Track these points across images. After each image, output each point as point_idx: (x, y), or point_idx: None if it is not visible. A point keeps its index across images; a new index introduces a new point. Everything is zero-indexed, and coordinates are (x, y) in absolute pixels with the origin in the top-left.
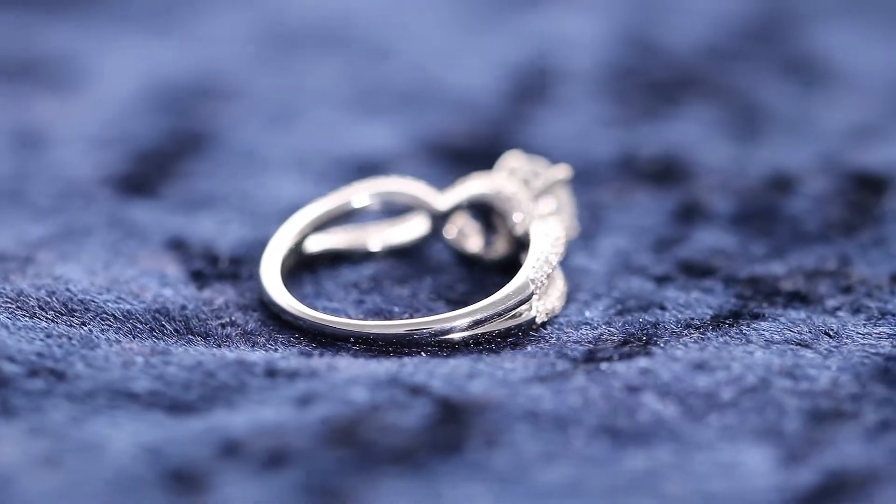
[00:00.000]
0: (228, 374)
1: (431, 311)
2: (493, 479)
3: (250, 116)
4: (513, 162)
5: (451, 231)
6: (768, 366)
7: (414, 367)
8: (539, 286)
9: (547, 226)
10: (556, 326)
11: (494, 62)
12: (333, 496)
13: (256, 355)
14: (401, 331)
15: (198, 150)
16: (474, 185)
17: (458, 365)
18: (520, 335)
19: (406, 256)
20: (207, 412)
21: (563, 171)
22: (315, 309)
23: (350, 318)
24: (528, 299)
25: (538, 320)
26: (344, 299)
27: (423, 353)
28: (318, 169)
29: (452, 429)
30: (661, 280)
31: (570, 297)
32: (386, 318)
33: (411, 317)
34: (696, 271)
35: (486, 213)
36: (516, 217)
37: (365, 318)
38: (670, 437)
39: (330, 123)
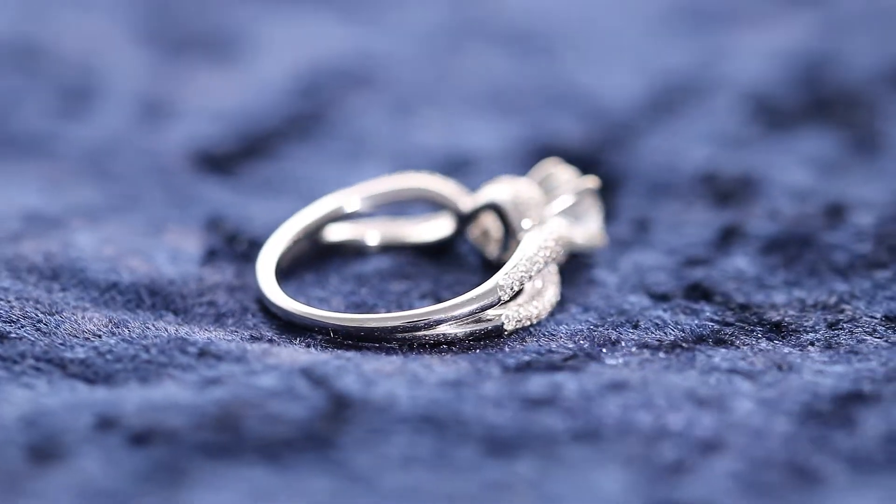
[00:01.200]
0: (162, 351)
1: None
2: (344, 477)
3: (374, 105)
4: (548, 169)
5: (474, 232)
6: (690, 393)
7: (340, 361)
8: (508, 292)
9: (539, 233)
10: (521, 334)
11: (646, 70)
12: (176, 477)
13: (203, 336)
14: (357, 325)
15: (305, 134)
16: (496, 189)
17: (384, 364)
18: (483, 339)
19: (432, 253)
20: (119, 385)
21: (590, 182)
22: (304, 297)
23: (328, 309)
24: (493, 304)
25: (507, 327)
26: (337, 291)
27: (374, 347)
28: (407, 162)
29: (332, 425)
30: (658, 299)
31: (559, 307)
32: (360, 312)
33: (387, 311)
34: (697, 294)
35: (503, 217)
36: (524, 224)
37: (343, 311)
38: (542, 454)
39: (447, 118)
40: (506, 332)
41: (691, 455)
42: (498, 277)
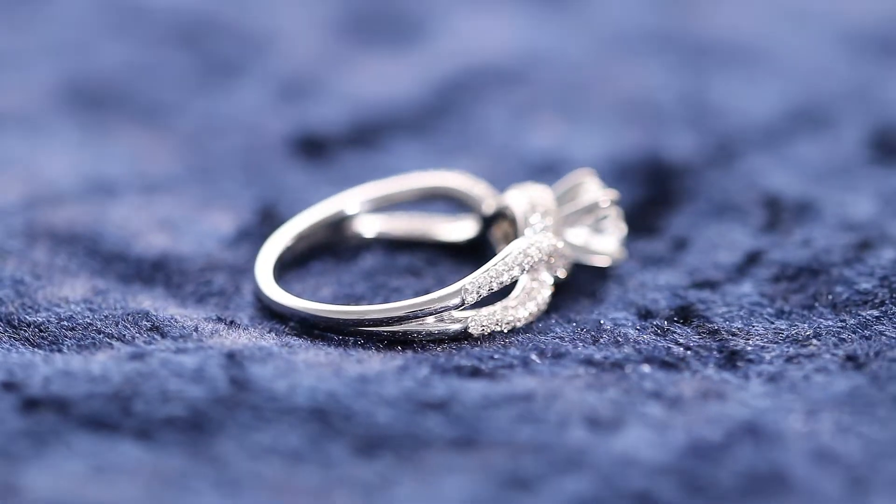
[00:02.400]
0: (116, 323)
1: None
2: (201, 459)
3: (502, 104)
4: (578, 179)
5: (496, 234)
6: (588, 413)
7: (277, 349)
8: (474, 296)
9: (523, 241)
10: (482, 338)
11: (787, 92)
12: (38, 445)
13: (168, 313)
14: (323, 315)
15: (419, 128)
16: (512, 194)
17: (321, 355)
18: (450, 340)
19: (456, 252)
20: (57, 351)
21: (609, 194)
22: (304, 285)
23: (310, 300)
24: (456, 307)
25: (472, 330)
26: (336, 282)
27: (338, 339)
28: (502, 163)
29: (221, 409)
30: (642, 317)
31: (546, 315)
32: (342, 304)
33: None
34: (680, 315)
35: (513, 221)
36: (527, 230)
37: (327, 302)
38: (405, 457)
39: (564, 124)
40: (468, 334)
41: (548, 473)
42: (465, 281)
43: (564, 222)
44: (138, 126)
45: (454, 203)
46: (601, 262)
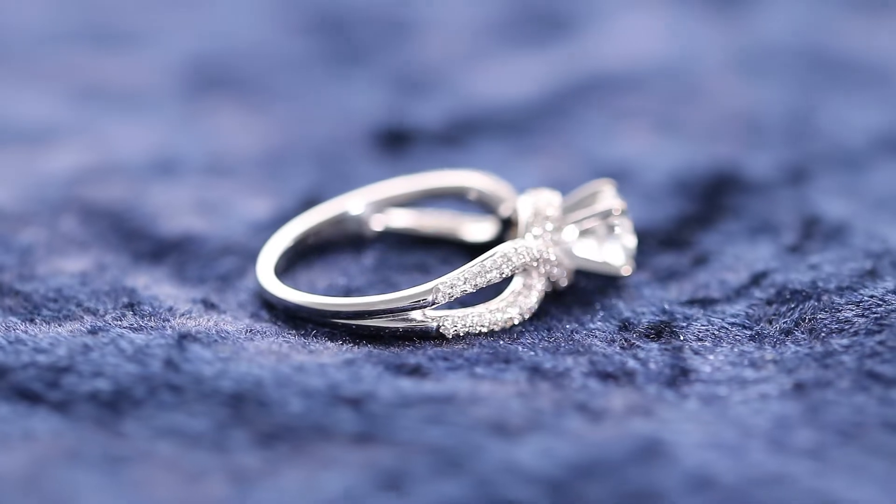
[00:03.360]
0: (98, 298)
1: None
2: (92, 431)
3: (604, 113)
4: (596, 188)
5: (510, 237)
6: (494, 419)
7: (237, 335)
8: (445, 297)
9: (506, 245)
10: (454, 338)
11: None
12: None
13: (155, 292)
14: (300, 304)
15: (510, 129)
16: (521, 199)
17: (272, 344)
18: (421, 338)
19: (478, 251)
20: (30, 322)
21: (616, 205)
22: (304, 276)
23: (302, 290)
24: (425, 305)
25: (443, 331)
26: (342, 273)
27: (314, 330)
28: (572, 172)
29: (143, 389)
30: (619, 329)
31: (529, 321)
32: (330, 296)
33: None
34: (656, 331)
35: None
36: (527, 236)
37: (320, 293)
38: (300, 448)
39: (649, 135)
40: (439, 334)
41: (428, 475)
42: (439, 280)
43: (570, 228)
44: (239, 109)
45: (476, 204)
46: (608, 272)
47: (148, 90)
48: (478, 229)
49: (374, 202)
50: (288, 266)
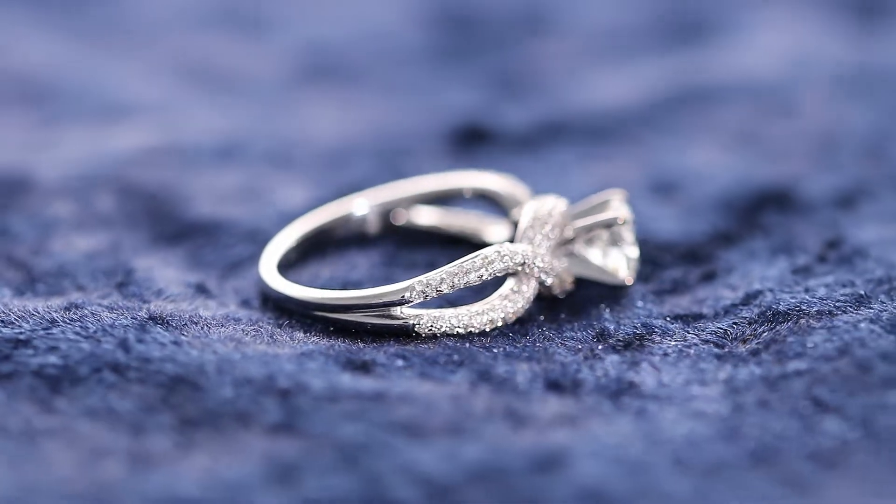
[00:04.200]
0: (94, 276)
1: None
2: (28, 404)
3: (690, 125)
4: (607, 197)
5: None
6: (404, 419)
7: (211, 321)
8: (420, 296)
9: (489, 249)
10: (427, 338)
11: None
12: None
13: (153, 273)
14: (286, 295)
15: (587, 137)
16: (526, 204)
17: (239, 332)
18: (396, 335)
19: None
20: (21, 294)
21: (620, 214)
22: (312, 268)
23: (310, 283)
24: (399, 303)
25: (418, 329)
26: (348, 267)
27: (292, 322)
28: (630, 181)
29: (91, 367)
30: (594, 339)
31: (511, 326)
32: (314, 289)
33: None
34: (625, 342)
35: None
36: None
37: (316, 286)
38: (213, 435)
39: (713, 148)
40: (422, 334)
41: (320, 469)
42: (415, 279)
43: (570, 236)
44: (333, 99)
45: (494, 206)
46: (608, 281)
47: (254, 76)
48: (502, 231)
49: (384, 202)
50: (300, 257)
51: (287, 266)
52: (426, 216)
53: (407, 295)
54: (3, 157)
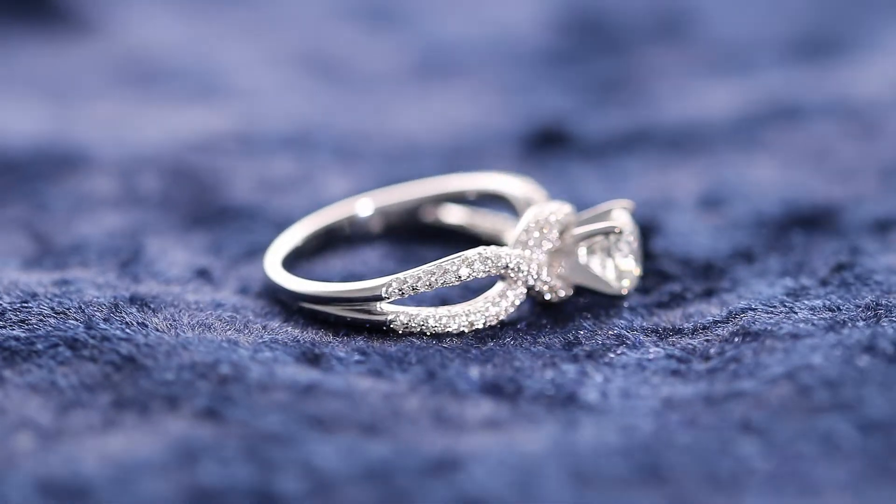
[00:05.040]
0: (102, 254)
1: None
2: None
3: (765, 140)
4: (609, 207)
5: None
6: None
7: (187, 304)
8: (396, 293)
9: (472, 251)
10: (402, 335)
11: None
12: None
13: (160, 257)
14: (276, 285)
15: (656, 147)
16: (529, 209)
17: (215, 319)
18: (366, 328)
19: None
20: (23, 267)
21: (618, 224)
22: (327, 260)
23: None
24: (376, 299)
25: (394, 326)
26: (359, 262)
27: (279, 314)
28: (680, 192)
29: (44, 342)
30: (562, 346)
31: (491, 329)
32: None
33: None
34: (597, 354)
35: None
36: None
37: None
38: (143, 417)
39: (776, 168)
40: (398, 332)
41: (220, 454)
42: (393, 276)
43: (570, 242)
44: (436, 98)
45: (512, 208)
46: (605, 290)
47: (365, 69)
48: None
49: (389, 204)
50: (318, 249)
51: (304, 256)
52: (454, 215)
53: (383, 292)
54: (72, 132)
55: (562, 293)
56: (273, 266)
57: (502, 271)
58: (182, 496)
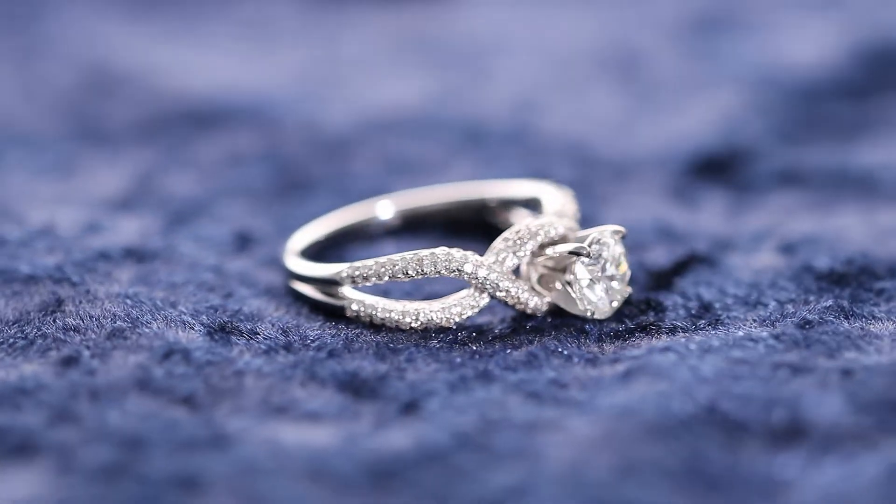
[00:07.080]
0: (157, 213)
1: None
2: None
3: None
4: (599, 230)
5: None
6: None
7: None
8: (349, 280)
9: (440, 249)
10: (353, 321)
11: None
12: None
13: (178, 244)
14: (282, 263)
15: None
16: (526, 220)
17: (201, 301)
18: (329, 312)
19: None
20: (33, 243)
21: (584, 247)
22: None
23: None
24: (333, 283)
25: (348, 314)
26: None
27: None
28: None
29: (26, 328)
30: (528, 360)
31: (458, 330)
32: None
33: None
34: (551, 356)
35: None
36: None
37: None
38: (114, 403)
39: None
40: (359, 319)
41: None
42: (353, 264)
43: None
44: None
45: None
46: (577, 313)
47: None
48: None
49: (409, 207)
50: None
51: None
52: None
53: (338, 277)
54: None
55: (531, 306)
56: (291, 245)
57: (454, 274)
58: None
